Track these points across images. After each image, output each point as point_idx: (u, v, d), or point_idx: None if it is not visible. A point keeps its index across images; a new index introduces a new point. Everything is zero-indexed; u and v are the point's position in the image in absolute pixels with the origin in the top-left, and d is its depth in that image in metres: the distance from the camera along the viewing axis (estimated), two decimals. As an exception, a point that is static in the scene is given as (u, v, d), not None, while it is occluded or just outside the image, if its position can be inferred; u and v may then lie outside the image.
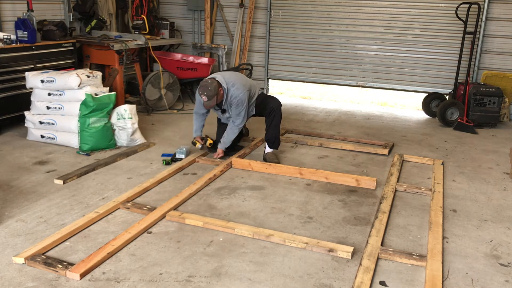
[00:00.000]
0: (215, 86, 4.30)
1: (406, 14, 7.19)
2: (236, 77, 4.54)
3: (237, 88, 4.44)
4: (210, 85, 4.29)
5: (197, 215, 3.46)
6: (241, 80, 4.53)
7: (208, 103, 4.35)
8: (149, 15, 7.55)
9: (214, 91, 4.29)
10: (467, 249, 3.17)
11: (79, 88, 4.82)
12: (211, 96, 4.30)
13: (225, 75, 4.53)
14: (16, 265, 2.79)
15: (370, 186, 4.15)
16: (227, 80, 4.44)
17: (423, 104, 7.07)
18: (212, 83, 4.30)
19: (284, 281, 2.73)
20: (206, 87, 4.28)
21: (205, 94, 4.30)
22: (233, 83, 4.45)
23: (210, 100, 4.32)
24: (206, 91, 4.29)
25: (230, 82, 4.44)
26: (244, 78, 4.67)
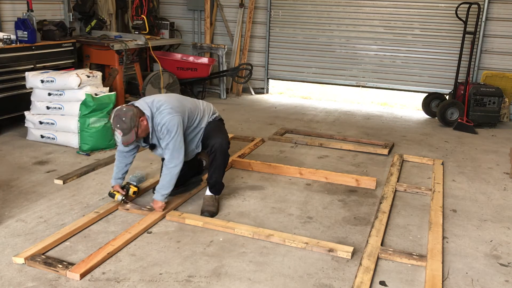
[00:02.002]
0: (132, 116, 3.17)
1: (406, 14, 7.19)
2: (167, 99, 3.42)
3: (162, 112, 3.28)
4: (124, 114, 3.16)
5: (197, 215, 3.46)
6: (172, 102, 3.38)
7: (125, 139, 3.20)
8: (149, 15, 7.55)
9: (131, 122, 3.16)
10: (467, 249, 3.17)
11: (79, 88, 4.81)
12: (127, 130, 3.17)
13: (155, 98, 3.43)
14: (16, 265, 2.79)
15: (370, 186, 4.15)
16: (152, 105, 3.34)
17: (423, 104, 7.07)
18: (128, 112, 3.17)
19: (284, 281, 2.73)
20: (119, 117, 3.17)
21: (118, 127, 3.18)
22: (159, 106, 3.32)
23: (127, 135, 3.18)
24: (119, 122, 3.16)
25: (155, 107, 3.32)
26: (180, 100, 3.53)
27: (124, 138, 3.21)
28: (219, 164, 3.55)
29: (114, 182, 3.61)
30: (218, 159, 3.53)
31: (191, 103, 3.58)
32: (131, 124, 3.17)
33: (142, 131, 3.27)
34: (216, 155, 3.52)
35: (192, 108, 3.52)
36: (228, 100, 7.65)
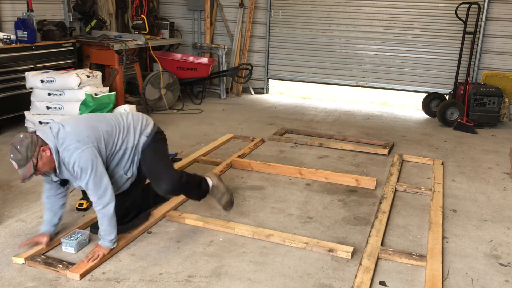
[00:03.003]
0: (29, 145, 2.61)
1: (406, 14, 7.19)
2: (74, 129, 2.78)
3: (68, 149, 2.70)
4: (20, 143, 2.61)
5: (197, 215, 3.46)
6: (79, 132, 2.76)
7: (21, 173, 2.63)
8: (149, 15, 7.54)
9: (27, 151, 2.61)
10: (467, 249, 3.17)
11: (79, 88, 4.82)
12: (23, 161, 2.61)
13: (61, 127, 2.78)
14: (16, 265, 2.79)
15: (370, 186, 4.15)
16: (58, 136, 2.74)
17: (423, 104, 7.07)
18: (25, 140, 2.62)
19: (284, 281, 2.73)
20: (13, 146, 2.62)
21: (12, 158, 2.63)
22: (63, 141, 2.71)
23: (23, 168, 2.62)
24: (13, 152, 2.62)
25: (60, 139, 2.72)
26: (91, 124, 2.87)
27: (20, 172, 2.63)
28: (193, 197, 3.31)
29: (45, 228, 2.98)
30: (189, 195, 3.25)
31: (107, 124, 2.94)
32: (28, 154, 2.60)
33: (44, 164, 2.68)
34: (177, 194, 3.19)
35: (109, 130, 2.91)
36: (228, 100, 7.65)
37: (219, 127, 5.98)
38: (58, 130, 2.76)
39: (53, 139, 2.71)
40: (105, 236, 2.84)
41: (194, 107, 7.01)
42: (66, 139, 2.72)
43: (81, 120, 2.96)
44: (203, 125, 6.08)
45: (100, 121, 2.95)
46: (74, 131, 2.76)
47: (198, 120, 6.30)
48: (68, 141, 2.71)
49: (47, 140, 2.69)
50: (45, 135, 2.71)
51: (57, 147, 2.71)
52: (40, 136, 2.69)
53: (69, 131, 2.76)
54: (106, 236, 2.84)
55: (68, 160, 2.71)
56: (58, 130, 2.76)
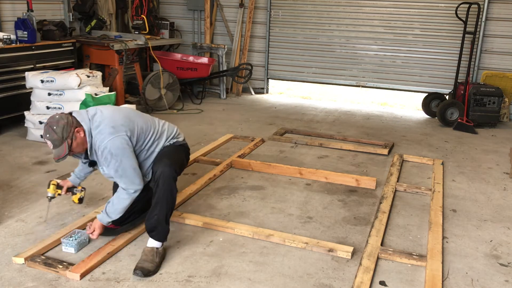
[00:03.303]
0: (65, 125, 2.69)
1: (406, 14, 7.19)
2: (112, 115, 2.85)
3: (102, 133, 2.76)
4: (56, 123, 2.69)
5: (197, 215, 3.46)
6: (116, 119, 2.82)
7: (55, 153, 2.72)
8: (149, 15, 7.55)
9: (63, 132, 2.68)
10: (467, 249, 3.17)
11: (79, 88, 4.82)
12: (58, 141, 2.68)
13: (98, 111, 2.87)
14: (16, 265, 2.79)
15: (370, 186, 4.15)
16: (93, 119, 2.82)
17: (423, 104, 7.07)
18: (60, 120, 2.70)
19: (284, 281, 2.73)
20: (49, 125, 2.70)
21: (48, 138, 2.70)
22: (98, 124, 2.78)
23: (58, 148, 2.70)
24: (49, 132, 2.69)
25: (95, 122, 2.79)
26: (130, 116, 2.93)
27: (55, 152, 2.70)
28: (162, 198, 2.82)
29: (72, 178, 3.23)
30: (161, 191, 2.82)
31: (144, 121, 2.97)
32: (63, 134, 2.67)
33: (78, 145, 2.75)
34: (158, 185, 2.83)
35: (144, 127, 2.93)
36: (228, 100, 7.65)
37: (219, 127, 5.98)
38: (95, 114, 2.83)
39: (88, 122, 2.78)
40: (108, 211, 2.86)
41: (194, 107, 7.01)
42: (102, 123, 2.78)
43: (119, 109, 3.01)
44: (203, 125, 6.08)
45: (137, 115, 3.01)
46: (111, 117, 2.82)
47: (198, 120, 6.30)
48: (103, 126, 2.77)
49: (82, 122, 2.77)
50: (80, 117, 2.79)
51: (91, 130, 2.78)
52: (76, 117, 2.77)
53: (106, 116, 2.82)
54: (109, 211, 2.86)
55: (100, 144, 2.76)
56: (95, 113, 2.83)
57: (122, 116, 2.88)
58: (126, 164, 2.76)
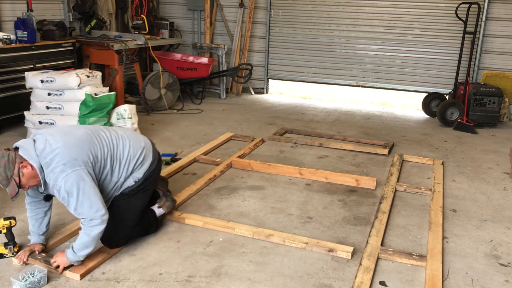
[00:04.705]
0: (6, 164, 2.52)
1: (406, 14, 7.19)
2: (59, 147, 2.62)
3: (54, 171, 2.57)
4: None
5: (197, 215, 3.46)
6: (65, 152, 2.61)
7: (9, 191, 2.55)
8: (149, 15, 7.55)
9: (6, 171, 2.52)
10: (467, 249, 3.17)
11: (78, 88, 4.81)
12: (4, 181, 2.53)
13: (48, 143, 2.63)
14: (16, 265, 2.79)
15: (370, 186, 4.15)
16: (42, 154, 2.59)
17: (423, 104, 7.07)
18: (1, 158, 2.53)
19: (284, 281, 2.73)
20: None
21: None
22: (49, 160, 2.58)
23: (8, 188, 2.54)
24: None
25: (46, 158, 2.58)
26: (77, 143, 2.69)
27: (7, 190, 2.54)
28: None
29: (35, 239, 2.88)
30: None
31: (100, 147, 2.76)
32: (7, 173, 2.51)
33: (28, 180, 2.58)
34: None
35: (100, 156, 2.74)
36: (228, 100, 7.65)
37: (219, 127, 5.98)
38: (44, 148, 2.60)
39: (36, 158, 2.57)
40: (77, 250, 2.64)
41: (194, 107, 7.01)
42: (53, 160, 2.57)
43: (72, 137, 2.72)
44: (203, 125, 6.08)
45: (94, 142, 2.75)
46: (61, 152, 2.59)
47: (198, 120, 6.30)
48: (54, 164, 2.56)
49: (30, 160, 2.55)
50: (27, 154, 2.57)
51: (42, 167, 2.57)
52: (21, 154, 2.56)
53: (56, 151, 2.59)
54: (77, 250, 2.64)
55: (53, 183, 2.58)
56: (44, 147, 2.60)
57: (74, 147, 2.65)
58: (83, 199, 2.57)
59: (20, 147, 2.62)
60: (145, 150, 2.99)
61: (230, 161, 4.55)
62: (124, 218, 2.88)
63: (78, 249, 2.64)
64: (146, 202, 3.06)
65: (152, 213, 3.18)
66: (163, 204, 3.22)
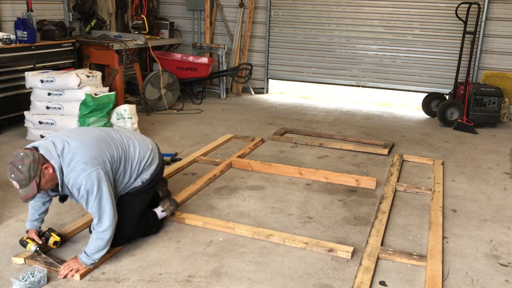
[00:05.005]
0: (31, 163, 2.48)
1: (406, 14, 7.19)
2: (79, 146, 2.64)
3: (74, 170, 2.57)
4: (21, 161, 2.48)
5: (197, 215, 3.46)
6: (85, 152, 2.63)
7: (23, 193, 2.51)
8: (149, 15, 7.55)
9: (30, 171, 2.47)
10: (467, 249, 3.17)
11: (78, 88, 4.81)
12: (25, 181, 2.48)
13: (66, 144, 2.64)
14: (16, 265, 2.79)
15: (370, 186, 4.15)
16: (63, 154, 2.60)
17: (423, 104, 7.07)
18: (26, 158, 2.48)
19: (284, 281, 2.73)
20: (13, 165, 2.49)
21: (13, 178, 2.49)
22: (70, 160, 2.58)
23: (25, 188, 2.49)
24: (13, 172, 2.48)
25: (65, 158, 2.59)
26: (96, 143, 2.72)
27: (22, 191, 2.49)
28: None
29: (29, 225, 2.89)
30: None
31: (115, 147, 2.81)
32: (30, 173, 2.46)
33: (47, 182, 2.56)
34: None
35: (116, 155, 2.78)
36: (228, 100, 7.65)
37: (219, 127, 5.98)
38: (63, 148, 2.61)
39: (58, 158, 2.57)
40: (91, 254, 2.67)
41: (194, 107, 7.01)
42: (73, 159, 2.57)
43: (89, 137, 2.75)
44: (203, 125, 6.08)
45: (109, 143, 2.79)
46: (81, 151, 2.62)
47: (198, 120, 6.30)
48: (75, 162, 2.57)
49: (51, 160, 2.55)
50: (48, 153, 2.56)
51: (62, 167, 2.58)
52: (43, 154, 2.55)
53: (75, 150, 2.61)
54: (92, 254, 2.67)
55: (73, 181, 2.57)
56: (63, 147, 2.61)
57: (92, 146, 2.67)
58: (101, 199, 2.61)
59: (40, 146, 2.59)
60: (153, 152, 3.04)
61: (230, 161, 4.55)
62: (126, 218, 2.88)
63: (92, 253, 2.67)
64: (147, 202, 3.10)
65: (153, 214, 3.19)
66: (167, 208, 3.25)
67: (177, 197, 3.68)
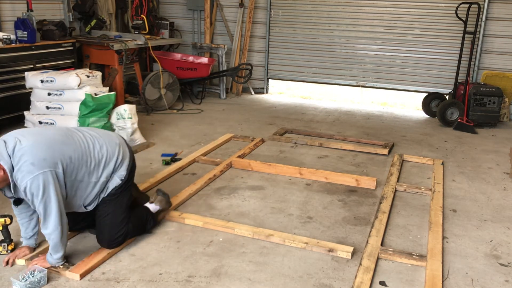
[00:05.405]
0: None
1: (406, 14, 7.19)
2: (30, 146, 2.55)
3: (21, 170, 2.51)
4: None
5: (197, 215, 3.46)
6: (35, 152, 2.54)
7: None
8: (149, 15, 7.54)
9: None
10: (467, 249, 3.17)
11: (78, 88, 4.81)
12: None
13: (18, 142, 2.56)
14: (16, 265, 2.79)
15: (370, 186, 4.15)
16: (14, 153, 2.53)
17: (423, 104, 7.07)
18: None
19: (284, 281, 2.73)
20: None
21: None
22: (19, 158, 2.52)
23: None
24: None
25: (16, 157, 2.52)
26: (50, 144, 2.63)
27: None
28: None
29: (24, 242, 2.90)
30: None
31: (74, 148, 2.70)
32: None
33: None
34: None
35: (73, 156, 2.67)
36: (228, 100, 7.65)
37: (219, 127, 5.98)
38: (14, 146, 2.53)
39: (8, 159, 2.50)
40: (52, 252, 2.70)
41: (194, 107, 7.01)
42: (21, 159, 2.50)
43: (43, 137, 2.66)
44: (203, 125, 6.08)
45: (66, 143, 2.69)
46: (30, 151, 2.53)
47: (198, 120, 6.30)
48: (22, 163, 2.50)
49: (1, 161, 2.49)
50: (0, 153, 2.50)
51: (13, 167, 2.51)
52: None
53: (25, 149, 2.52)
54: (53, 253, 2.70)
55: (20, 182, 2.52)
56: (14, 145, 2.53)
57: (44, 147, 2.58)
58: (46, 202, 2.55)
59: None
60: (121, 146, 2.97)
61: (230, 161, 4.55)
62: (114, 217, 2.88)
63: (52, 251, 2.71)
64: (131, 196, 3.05)
65: (146, 209, 3.19)
66: (155, 199, 3.26)
67: (177, 197, 3.68)
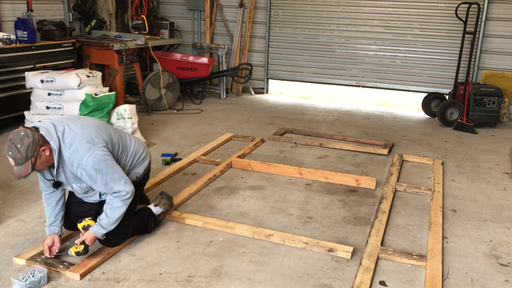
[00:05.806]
0: (30, 144, 2.49)
1: (405, 14, 7.19)
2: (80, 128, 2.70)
3: (78, 151, 2.62)
4: (20, 141, 2.49)
5: (197, 215, 3.46)
6: (86, 132, 2.69)
7: (17, 170, 2.54)
8: (149, 15, 7.54)
9: (28, 151, 2.49)
10: (467, 249, 3.17)
11: (79, 88, 4.82)
12: (21, 160, 2.49)
13: (67, 126, 2.69)
14: (16, 265, 2.79)
15: (370, 186, 4.15)
16: (63, 136, 2.64)
17: (423, 104, 7.07)
18: (25, 138, 2.49)
19: (284, 281, 2.73)
20: (12, 143, 2.49)
21: (10, 156, 2.50)
22: (71, 140, 2.63)
23: (20, 167, 2.52)
24: (11, 149, 2.49)
25: (66, 140, 2.63)
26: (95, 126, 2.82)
27: (16, 169, 2.53)
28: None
29: (49, 231, 2.87)
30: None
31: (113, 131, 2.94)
32: (27, 154, 2.48)
33: (42, 163, 2.58)
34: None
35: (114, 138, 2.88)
36: (228, 100, 7.65)
37: (219, 127, 5.98)
38: (64, 131, 2.65)
39: (57, 140, 2.60)
40: (106, 224, 2.75)
41: (194, 107, 7.01)
42: (75, 140, 2.63)
43: (87, 121, 2.87)
44: (203, 125, 6.08)
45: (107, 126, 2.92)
46: (83, 131, 2.69)
47: (198, 120, 6.30)
48: (78, 143, 2.62)
49: (51, 141, 2.58)
50: (48, 134, 2.59)
51: (61, 149, 2.62)
52: (43, 135, 2.57)
53: (76, 132, 2.67)
54: (107, 225, 2.75)
55: (78, 162, 2.61)
56: (64, 130, 2.66)
57: (92, 128, 2.77)
58: (112, 174, 2.69)
59: (40, 127, 2.61)
60: (146, 150, 3.17)
61: (230, 161, 4.55)
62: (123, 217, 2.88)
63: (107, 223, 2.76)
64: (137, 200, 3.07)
65: (148, 210, 3.21)
66: (159, 202, 3.28)
67: (177, 197, 3.68)
